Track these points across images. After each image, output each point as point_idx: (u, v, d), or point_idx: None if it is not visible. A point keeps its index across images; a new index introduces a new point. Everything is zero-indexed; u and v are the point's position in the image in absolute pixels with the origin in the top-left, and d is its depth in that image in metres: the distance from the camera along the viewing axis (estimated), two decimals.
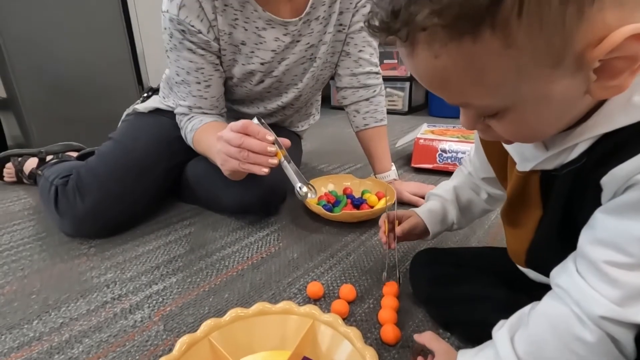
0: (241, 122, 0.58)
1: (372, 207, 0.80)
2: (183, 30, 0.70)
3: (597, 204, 0.28)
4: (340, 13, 0.80)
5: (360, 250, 0.69)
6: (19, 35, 1.30)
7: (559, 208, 0.33)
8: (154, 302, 0.56)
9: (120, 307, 0.55)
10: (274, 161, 0.58)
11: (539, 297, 0.32)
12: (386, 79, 2.20)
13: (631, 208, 0.25)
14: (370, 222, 0.78)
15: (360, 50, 0.85)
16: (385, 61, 2.17)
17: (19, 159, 1.10)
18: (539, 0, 0.20)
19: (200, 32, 0.70)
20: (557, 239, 0.34)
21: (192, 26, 0.69)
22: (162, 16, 0.72)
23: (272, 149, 0.58)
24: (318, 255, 0.67)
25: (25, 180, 1.09)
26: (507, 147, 0.38)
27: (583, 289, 0.27)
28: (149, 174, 0.80)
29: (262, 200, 0.79)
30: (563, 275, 0.30)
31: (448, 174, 1.07)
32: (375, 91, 0.89)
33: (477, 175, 0.51)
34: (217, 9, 0.70)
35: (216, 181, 0.81)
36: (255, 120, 0.60)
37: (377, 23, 0.26)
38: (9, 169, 1.11)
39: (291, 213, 0.85)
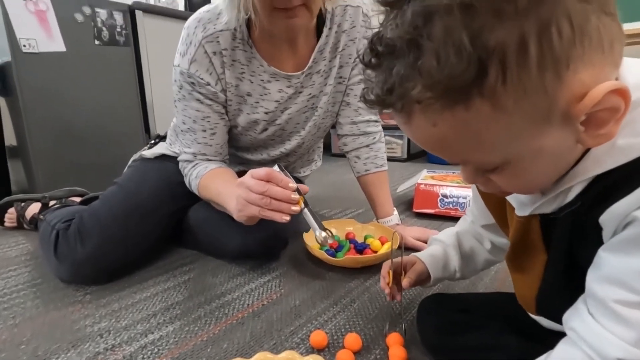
0: (264, 170, 0.60)
1: (375, 252, 0.79)
2: (193, 83, 0.74)
3: (599, 242, 0.28)
4: (340, 67, 0.85)
5: (364, 296, 0.67)
6: (36, 87, 1.37)
7: (562, 251, 0.33)
8: (149, 352, 0.53)
9: (112, 359, 0.52)
10: (296, 208, 0.60)
11: (552, 346, 0.31)
12: (385, 128, 2.27)
13: (633, 244, 0.25)
14: (375, 268, 0.77)
15: (359, 100, 0.90)
16: (384, 111, 2.26)
17: (22, 204, 1.10)
18: (520, 70, 0.22)
19: (209, 84, 0.74)
20: (565, 283, 0.34)
21: (202, 79, 0.74)
22: (174, 69, 0.76)
23: (295, 196, 0.59)
24: (321, 303, 0.65)
25: (25, 226, 1.09)
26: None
27: (597, 331, 0.27)
28: (151, 218, 0.80)
29: (264, 245, 0.79)
30: (575, 318, 0.29)
31: (450, 219, 1.07)
32: (375, 138, 0.92)
33: (478, 223, 0.51)
34: (226, 64, 0.75)
35: (218, 225, 0.81)
36: (276, 168, 0.62)
37: (372, 98, 0.27)
38: (10, 214, 1.11)
39: (293, 258, 0.84)
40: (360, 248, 0.80)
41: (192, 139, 0.79)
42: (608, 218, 0.27)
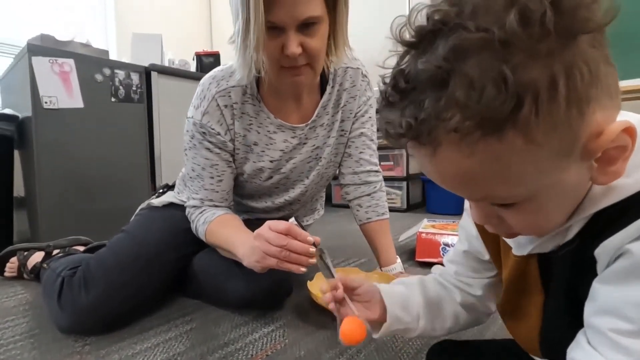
0: (284, 225, 0.63)
1: None
2: (204, 132, 0.80)
3: (595, 275, 0.30)
4: (342, 121, 0.91)
5: (371, 346, 0.65)
6: (51, 140, 1.44)
7: (562, 289, 0.34)
8: None
9: None
10: (313, 261, 0.62)
11: None
12: (384, 179, 2.34)
13: (624, 275, 0.27)
14: None
15: (360, 152, 0.94)
16: (382, 163, 2.34)
17: (25, 253, 1.10)
18: (550, 105, 0.24)
19: (219, 134, 0.80)
20: (569, 321, 0.34)
21: (212, 129, 0.79)
22: (187, 121, 0.82)
23: (313, 249, 0.62)
24: (327, 353, 0.64)
25: (25, 276, 1.07)
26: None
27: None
28: (157, 265, 0.81)
29: (269, 293, 0.78)
30: (576, 349, 0.30)
31: None
32: (375, 187, 0.95)
33: (463, 272, 0.48)
34: (235, 116, 0.81)
35: (222, 274, 0.82)
36: (293, 221, 0.65)
37: (396, 131, 0.27)
38: (12, 264, 1.11)
39: (297, 307, 0.83)
40: None
41: (200, 185, 0.82)
42: (602, 252, 0.28)
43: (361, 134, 0.93)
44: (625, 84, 1.38)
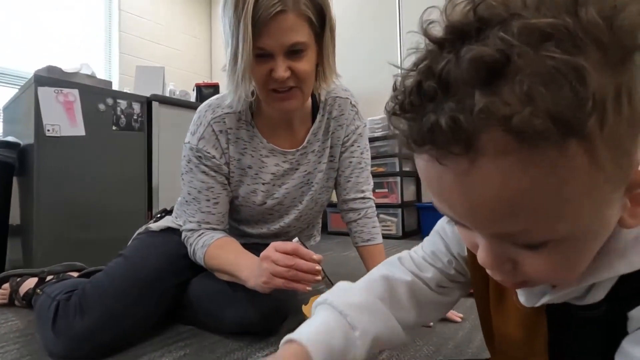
0: (290, 245, 0.66)
1: None
2: (200, 156, 0.83)
3: (625, 334, 0.27)
4: (331, 147, 0.95)
5: None
6: (51, 168, 1.46)
7: (586, 352, 0.30)
8: None
9: None
10: (319, 278, 0.65)
11: None
12: (379, 206, 2.36)
13: None
14: None
15: (348, 181, 0.97)
16: (377, 190, 2.37)
17: (18, 279, 1.09)
18: (615, 119, 0.20)
19: (214, 157, 0.83)
20: None
21: (208, 153, 0.83)
22: (184, 146, 0.86)
23: (319, 267, 0.65)
24: None
25: (17, 302, 1.06)
26: None
27: None
28: (154, 291, 0.81)
29: (264, 318, 0.78)
30: None
31: None
32: (360, 214, 0.97)
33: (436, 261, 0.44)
34: (230, 141, 0.85)
35: (218, 299, 0.82)
36: (297, 240, 0.68)
37: (414, 135, 0.23)
38: (4, 290, 1.09)
39: (292, 332, 0.82)
40: None
41: (196, 208, 0.85)
42: (638, 315, 0.26)
43: (350, 163, 0.96)
44: None
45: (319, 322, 0.39)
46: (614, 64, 0.20)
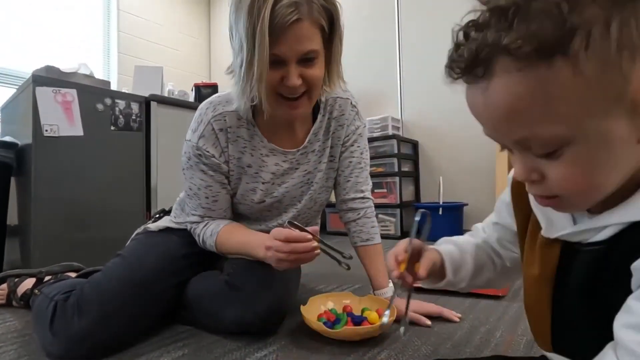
0: (283, 234, 0.71)
1: (373, 324, 0.79)
2: (200, 154, 0.83)
3: (626, 288, 0.29)
4: (331, 147, 0.95)
5: None
6: (50, 168, 1.45)
7: (577, 286, 0.34)
8: None
9: None
10: (318, 252, 0.72)
11: None
12: (378, 206, 2.36)
13: None
14: (372, 341, 0.76)
15: (347, 180, 0.97)
16: (376, 190, 2.37)
17: (16, 279, 1.09)
18: (602, 42, 0.26)
19: (214, 157, 0.84)
20: (580, 318, 0.34)
21: (208, 151, 0.83)
22: (185, 143, 0.86)
23: (315, 244, 0.71)
24: None
25: (14, 303, 1.06)
26: (536, 210, 0.39)
27: None
28: (152, 291, 0.81)
29: (263, 319, 0.78)
30: None
31: (447, 292, 1.07)
32: (359, 214, 0.97)
33: (492, 238, 0.53)
34: (230, 139, 0.85)
35: (217, 299, 0.82)
36: (287, 225, 0.73)
37: (457, 66, 0.31)
38: (1, 290, 1.09)
39: (290, 332, 0.82)
40: (358, 321, 0.80)
41: (197, 203, 0.87)
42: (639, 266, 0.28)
43: (349, 163, 0.96)
44: None
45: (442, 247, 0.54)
46: (615, 3, 0.26)
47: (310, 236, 0.71)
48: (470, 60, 0.30)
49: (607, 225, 0.32)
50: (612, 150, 0.29)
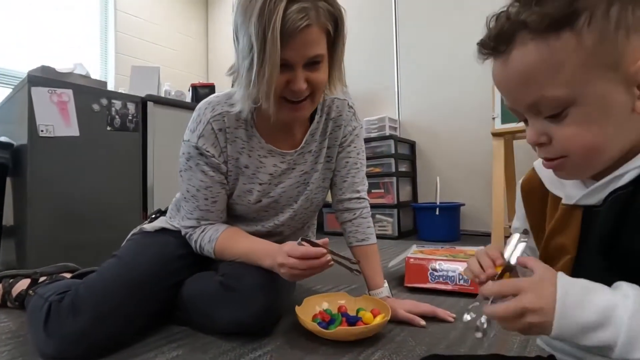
0: (300, 251, 0.72)
1: (367, 324, 0.79)
2: (200, 154, 0.83)
3: None
4: (328, 148, 0.95)
5: None
6: (45, 168, 1.45)
7: (597, 243, 0.37)
8: None
9: None
10: (332, 263, 0.73)
11: None
12: (375, 206, 2.37)
13: None
14: (367, 341, 0.76)
15: (344, 181, 0.97)
16: (373, 190, 2.38)
17: (11, 280, 1.09)
18: (603, 21, 0.32)
19: (213, 156, 0.84)
20: (605, 268, 0.36)
21: (207, 151, 0.83)
22: (183, 144, 0.86)
23: (329, 257, 0.72)
24: None
25: (9, 304, 1.05)
26: (552, 188, 0.44)
27: None
28: (147, 293, 0.81)
29: (258, 319, 0.78)
30: None
31: (442, 292, 1.08)
32: (355, 214, 0.97)
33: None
34: (228, 140, 0.85)
35: (212, 300, 0.82)
36: (299, 242, 0.75)
37: (485, 45, 0.38)
38: None
39: (285, 332, 0.82)
40: (352, 321, 0.80)
41: (195, 205, 0.86)
42: None
43: (346, 163, 0.97)
44: None
45: None
46: None
47: (324, 250, 0.72)
48: (496, 38, 0.37)
49: (626, 171, 0.35)
50: (610, 113, 0.34)
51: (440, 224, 2.15)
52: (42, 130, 1.42)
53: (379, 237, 1.00)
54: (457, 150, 2.38)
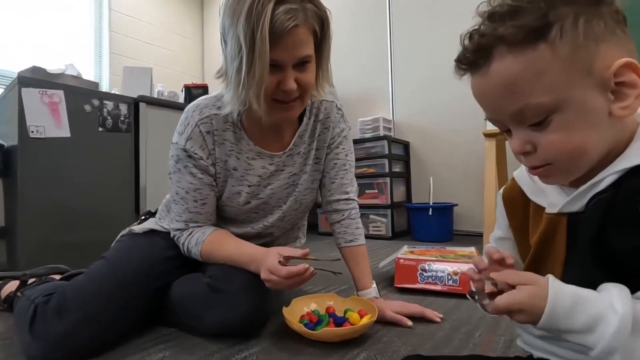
0: (284, 272, 0.72)
1: (354, 325, 0.79)
2: (189, 156, 0.84)
3: (633, 235, 0.34)
4: (317, 149, 0.96)
5: None
6: (36, 169, 1.45)
7: (587, 245, 0.37)
8: None
9: None
10: (315, 272, 0.75)
11: None
12: (369, 207, 2.37)
13: None
14: (354, 342, 0.76)
15: (333, 182, 0.98)
16: (367, 191, 2.38)
17: (0, 282, 1.08)
18: (572, 33, 0.34)
19: (202, 159, 0.84)
20: (588, 277, 0.37)
21: (195, 154, 0.83)
22: (172, 146, 0.86)
23: (312, 269, 0.73)
24: None
25: None
26: (534, 198, 0.44)
27: None
28: (135, 294, 0.81)
29: (245, 321, 0.78)
30: None
31: (432, 293, 1.08)
32: (344, 215, 0.98)
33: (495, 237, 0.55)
34: (216, 142, 0.85)
35: (199, 302, 0.82)
36: (281, 259, 0.75)
37: (464, 60, 0.39)
38: None
39: (272, 334, 0.83)
40: (339, 322, 0.80)
41: (184, 208, 0.86)
42: None
43: (334, 165, 0.97)
44: None
45: None
46: (579, 5, 0.35)
47: (306, 266, 0.73)
48: (473, 52, 0.38)
49: (605, 177, 0.36)
50: (590, 118, 0.36)
51: (434, 224, 2.16)
52: (32, 131, 1.42)
53: (372, 237, 1.01)
54: (451, 151, 2.39)
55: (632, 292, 0.34)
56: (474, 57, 0.38)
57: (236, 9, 0.69)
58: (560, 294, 0.35)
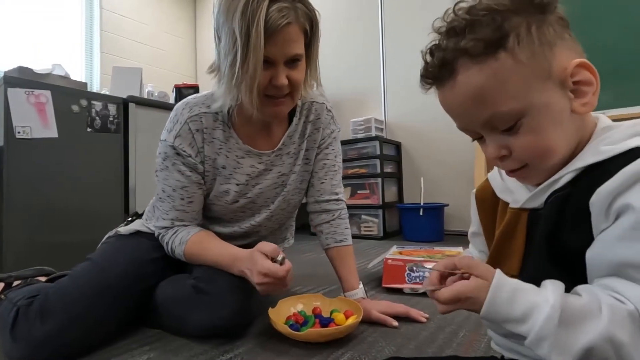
0: (284, 271, 0.72)
1: (339, 325, 0.79)
2: (177, 154, 0.84)
3: (589, 228, 0.36)
4: (307, 150, 0.96)
5: None
6: (23, 170, 1.43)
7: (544, 238, 0.39)
8: None
9: None
10: (291, 272, 0.74)
11: None
12: (361, 207, 2.38)
13: (630, 231, 0.33)
14: (339, 342, 0.76)
15: (322, 182, 0.99)
16: (358, 191, 2.39)
17: None
18: (528, 39, 0.36)
19: (190, 156, 0.84)
20: (544, 267, 0.39)
21: (184, 151, 0.83)
22: (160, 143, 0.86)
23: (289, 273, 0.73)
24: None
25: None
26: (501, 194, 0.47)
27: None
28: (120, 296, 0.80)
29: (230, 322, 0.78)
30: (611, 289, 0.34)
31: (418, 293, 1.09)
32: (334, 215, 0.98)
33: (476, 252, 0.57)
34: (206, 140, 0.85)
35: (184, 303, 0.82)
36: (278, 258, 0.75)
37: (428, 76, 0.41)
38: None
39: (257, 334, 0.83)
40: (325, 322, 0.81)
41: (170, 206, 0.86)
42: (596, 199, 0.34)
43: (324, 165, 0.98)
44: (619, 112, 1.42)
45: None
46: (528, 14, 0.37)
47: (286, 267, 0.73)
48: (438, 67, 0.39)
49: (562, 175, 0.38)
50: (556, 117, 0.37)
51: (425, 224, 2.17)
52: (19, 132, 1.40)
53: (364, 237, 1.01)
54: (442, 152, 2.41)
55: None
56: (439, 71, 0.40)
57: (231, 5, 0.70)
58: (501, 286, 0.37)
